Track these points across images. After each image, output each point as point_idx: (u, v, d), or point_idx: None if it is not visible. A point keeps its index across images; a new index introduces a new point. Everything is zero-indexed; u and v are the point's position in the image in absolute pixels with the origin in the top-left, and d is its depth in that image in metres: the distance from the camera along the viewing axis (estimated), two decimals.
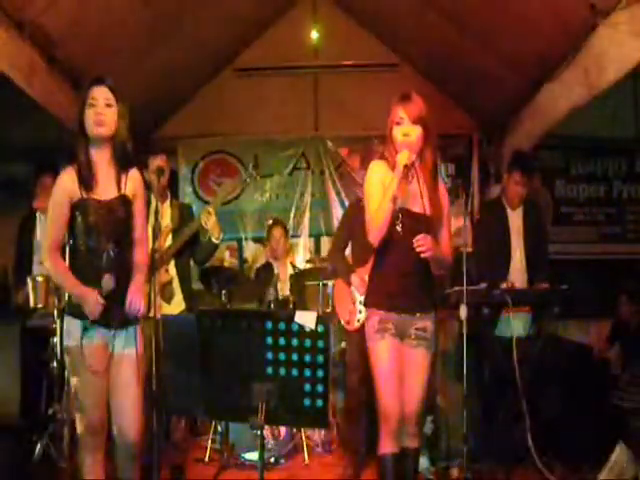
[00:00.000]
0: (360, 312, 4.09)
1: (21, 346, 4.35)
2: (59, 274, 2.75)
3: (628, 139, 6.29)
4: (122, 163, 2.78)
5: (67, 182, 2.72)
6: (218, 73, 6.42)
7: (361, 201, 4.23)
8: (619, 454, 3.55)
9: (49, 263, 2.73)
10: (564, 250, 5.93)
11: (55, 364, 4.05)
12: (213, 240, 3.96)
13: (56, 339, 4.03)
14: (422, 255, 2.72)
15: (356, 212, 4.22)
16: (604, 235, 6.36)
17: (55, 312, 4.00)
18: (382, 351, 2.83)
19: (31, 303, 4.12)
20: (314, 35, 6.21)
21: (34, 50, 3.78)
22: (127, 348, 2.74)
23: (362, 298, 4.08)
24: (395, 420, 2.81)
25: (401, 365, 2.85)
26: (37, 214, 4.49)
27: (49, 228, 2.76)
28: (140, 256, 2.86)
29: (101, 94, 2.70)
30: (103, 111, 2.69)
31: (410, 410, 2.86)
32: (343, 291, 4.26)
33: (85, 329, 2.67)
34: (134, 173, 2.85)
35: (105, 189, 2.75)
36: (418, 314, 2.88)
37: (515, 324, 3.92)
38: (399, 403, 2.81)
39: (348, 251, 4.41)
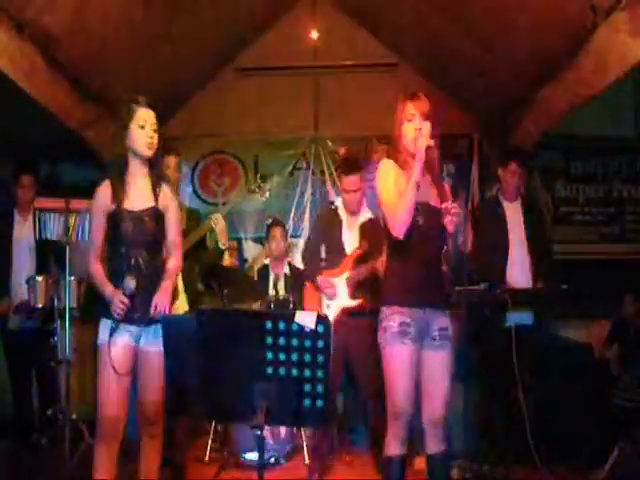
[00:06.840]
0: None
1: (4, 348, 4.40)
2: (94, 277, 2.96)
3: (628, 139, 6.29)
4: (157, 178, 3.01)
5: (101, 197, 2.94)
6: (218, 73, 6.42)
7: (334, 206, 4.27)
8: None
9: (89, 268, 2.96)
10: (564, 250, 5.92)
11: (53, 364, 4.07)
12: (220, 245, 4.02)
13: (56, 339, 4.05)
14: (452, 222, 2.69)
15: (331, 217, 4.22)
16: (604, 235, 6.36)
17: (53, 313, 4.02)
18: (401, 355, 2.78)
19: (31, 303, 4.14)
20: (314, 35, 6.21)
21: (34, 50, 3.78)
22: (153, 344, 2.90)
23: (329, 301, 4.06)
24: (404, 422, 2.80)
25: (419, 369, 2.82)
26: (15, 213, 4.50)
27: (92, 236, 3.01)
28: (171, 263, 3.05)
29: (150, 118, 2.92)
30: (153, 135, 2.91)
31: (435, 414, 2.83)
32: (312, 294, 4.23)
33: (113, 329, 2.85)
34: (166, 187, 3.04)
35: (138, 201, 2.95)
36: (441, 310, 2.86)
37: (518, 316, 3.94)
38: (410, 405, 2.79)
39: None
